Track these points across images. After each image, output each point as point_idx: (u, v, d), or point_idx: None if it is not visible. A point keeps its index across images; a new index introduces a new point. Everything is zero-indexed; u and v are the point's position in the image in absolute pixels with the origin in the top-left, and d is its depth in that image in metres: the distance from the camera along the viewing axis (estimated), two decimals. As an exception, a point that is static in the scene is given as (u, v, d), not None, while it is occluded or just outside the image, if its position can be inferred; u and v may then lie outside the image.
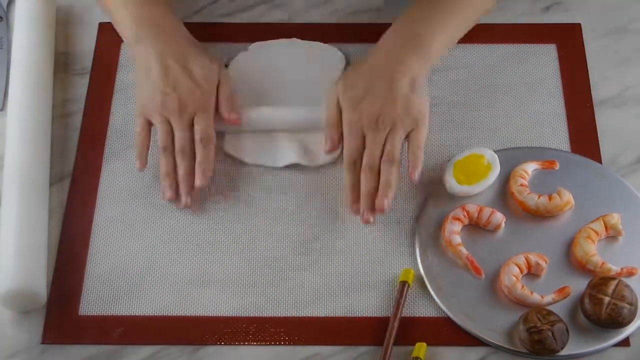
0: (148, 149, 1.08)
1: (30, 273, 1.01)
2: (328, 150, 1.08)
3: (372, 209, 1.04)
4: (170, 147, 1.08)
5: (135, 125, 1.09)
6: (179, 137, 1.07)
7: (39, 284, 1.01)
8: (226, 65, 1.19)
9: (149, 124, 1.09)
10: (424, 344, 0.99)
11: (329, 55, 1.20)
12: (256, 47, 1.21)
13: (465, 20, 1.13)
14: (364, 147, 1.06)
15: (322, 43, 1.21)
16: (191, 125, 1.08)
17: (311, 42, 1.21)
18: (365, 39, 1.21)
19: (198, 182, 1.06)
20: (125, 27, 1.13)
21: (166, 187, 1.07)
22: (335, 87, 1.09)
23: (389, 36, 1.11)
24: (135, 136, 1.09)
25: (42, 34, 1.19)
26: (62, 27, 1.25)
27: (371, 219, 1.04)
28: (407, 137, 1.07)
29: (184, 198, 1.07)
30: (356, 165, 1.06)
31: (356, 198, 1.05)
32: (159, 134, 1.08)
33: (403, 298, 1.00)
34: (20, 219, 1.04)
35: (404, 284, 1.01)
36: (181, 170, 1.07)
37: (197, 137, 1.07)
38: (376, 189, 1.04)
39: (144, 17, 1.12)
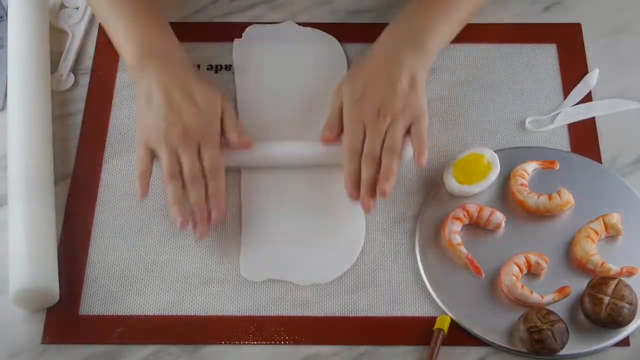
0: (150, 176, 1.05)
1: (43, 271, 1.02)
2: (323, 139, 1.08)
3: (373, 195, 1.04)
4: (177, 175, 1.04)
5: (136, 154, 1.06)
6: (189, 165, 1.04)
7: (52, 281, 1.02)
8: (228, 68, 1.20)
9: (152, 154, 1.05)
10: (448, 317, 1.00)
11: (325, 43, 1.21)
12: (253, 31, 1.22)
13: (462, 13, 1.13)
14: (363, 139, 1.06)
15: (315, 29, 1.22)
16: (199, 155, 1.05)
17: (306, 28, 1.22)
18: (364, 39, 1.21)
19: (215, 214, 1.04)
20: (127, 52, 1.10)
21: (177, 212, 1.03)
22: (338, 86, 1.10)
23: (388, 34, 1.12)
24: (137, 164, 1.05)
25: (36, 33, 1.19)
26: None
27: (372, 205, 1.04)
28: (409, 130, 1.07)
29: (200, 227, 1.03)
30: (356, 154, 1.06)
31: (356, 186, 1.05)
32: (164, 163, 1.04)
33: (437, 347, 0.99)
34: (28, 218, 1.04)
35: (439, 331, 0.99)
36: (194, 198, 1.04)
37: (206, 167, 1.04)
38: (376, 177, 1.04)
39: (149, 45, 1.09)
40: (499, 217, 1.05)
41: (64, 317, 1.03)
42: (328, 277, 1.04)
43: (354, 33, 1.22)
